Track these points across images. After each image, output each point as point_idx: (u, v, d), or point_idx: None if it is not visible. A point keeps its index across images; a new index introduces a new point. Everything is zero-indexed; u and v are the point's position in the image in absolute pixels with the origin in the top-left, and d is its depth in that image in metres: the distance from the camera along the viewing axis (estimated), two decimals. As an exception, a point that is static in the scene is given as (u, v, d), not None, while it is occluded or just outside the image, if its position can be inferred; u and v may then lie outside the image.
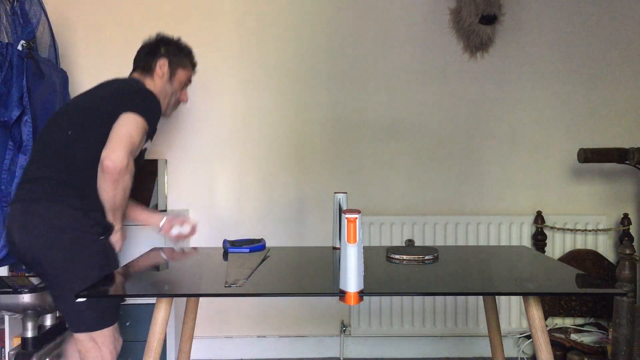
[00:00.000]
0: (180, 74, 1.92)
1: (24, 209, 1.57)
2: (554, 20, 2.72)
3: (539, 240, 2.63)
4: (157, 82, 1.86)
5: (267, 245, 1.70)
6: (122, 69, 2.67)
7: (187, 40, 2.67)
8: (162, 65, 1.87)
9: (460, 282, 1.39)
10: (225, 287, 1.29)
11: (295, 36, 2.69)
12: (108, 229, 1.66)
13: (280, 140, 2.69)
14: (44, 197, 1.56)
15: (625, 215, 2.62)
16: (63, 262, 1.54)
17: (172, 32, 2.67)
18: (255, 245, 1.70)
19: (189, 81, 1.97)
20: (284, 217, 2.70)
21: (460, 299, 2.67)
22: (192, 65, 1.97)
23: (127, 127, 1.60)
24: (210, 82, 2.69)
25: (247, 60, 2.70)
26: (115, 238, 1.68)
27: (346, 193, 1.75)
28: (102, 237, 1.63)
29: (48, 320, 2.14)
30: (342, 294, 1.18)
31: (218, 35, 2.68)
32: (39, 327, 2.03)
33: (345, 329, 2.69)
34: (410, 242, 1.80)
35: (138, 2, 2.67)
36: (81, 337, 1.58)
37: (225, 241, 1.75)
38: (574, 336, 2.46)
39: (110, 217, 1.66)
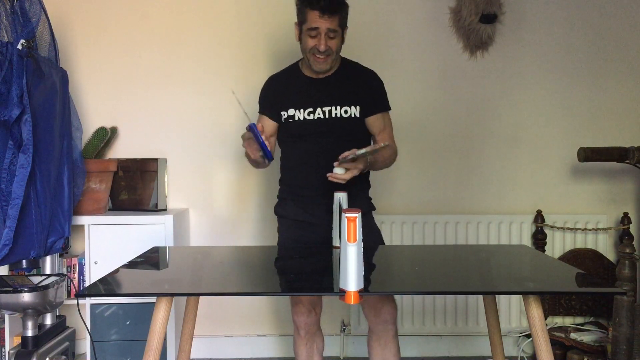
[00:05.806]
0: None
1: None
2: (554, 20, 2.72)
3: (539, 239, 2.63)
4: None
5: None
6: (122, 68, 2.67)
7: (188, 39, 2.67)
8: None
9: (460, 282, 1.39)
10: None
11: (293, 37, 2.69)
12: None
13: (280, 140, 2.68)
14: None
15: (625, 215, 2.62)
16: None
17: (172, 31, 2.67)
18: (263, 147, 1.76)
19: None
20: (284, 217, 2.70)
21: (460, 298, 2.67)
22: None
23: None
24: (211, 81, 2.69)
25: (247, 60, 2.69)
26: None
27: (346, 192, 1.74)
28: None
29: (48, 319, 2.14)
30: (342, 293, 1.18)
31: (219, 34, 2.68)
32: (39, 326, 2.03)
33: (345, 328, 2.69)
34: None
35: (137, 2, 2.66)
36: None
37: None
38: (574, 335, 2.46)
39: None
